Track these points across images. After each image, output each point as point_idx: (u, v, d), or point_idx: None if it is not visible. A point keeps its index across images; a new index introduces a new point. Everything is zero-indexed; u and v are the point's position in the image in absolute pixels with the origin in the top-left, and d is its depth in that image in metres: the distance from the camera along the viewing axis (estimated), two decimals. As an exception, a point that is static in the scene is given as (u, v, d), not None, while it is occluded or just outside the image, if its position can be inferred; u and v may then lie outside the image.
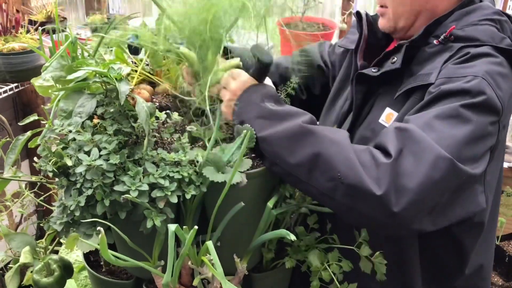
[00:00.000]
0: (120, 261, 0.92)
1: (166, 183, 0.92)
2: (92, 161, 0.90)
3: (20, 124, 1.17)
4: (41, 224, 1.02)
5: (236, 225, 1.06)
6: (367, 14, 1.26)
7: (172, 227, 0.86)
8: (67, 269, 1.09)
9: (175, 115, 1.03)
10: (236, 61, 1.16)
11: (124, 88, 0.92)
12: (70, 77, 0.95)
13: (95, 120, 0.97)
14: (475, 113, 0.95)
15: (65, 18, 2.36)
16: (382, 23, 1.20)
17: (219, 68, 1.19)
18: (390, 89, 1.12)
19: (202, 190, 0.97)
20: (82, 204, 0.92)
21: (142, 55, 1.35)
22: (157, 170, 0.93)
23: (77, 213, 0.93)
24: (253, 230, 1.08)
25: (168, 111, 1.03)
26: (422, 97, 1.03)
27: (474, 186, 0.99)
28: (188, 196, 0.94)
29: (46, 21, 2.30)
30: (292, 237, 0.93)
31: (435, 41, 1.08)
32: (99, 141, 0.94)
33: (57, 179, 0.97)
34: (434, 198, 0.91)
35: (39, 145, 1.01)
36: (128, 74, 1.01)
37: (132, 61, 1.35)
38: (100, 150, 0.93)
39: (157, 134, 1.02)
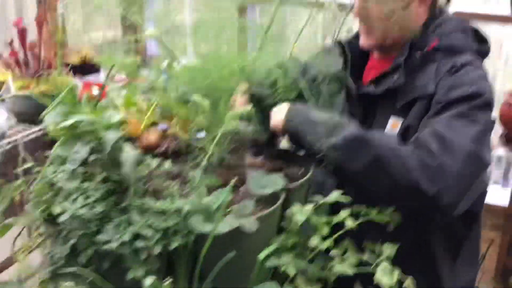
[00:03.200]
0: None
1: (149, 233, 0.90)
2: (76, 209, 0.89)
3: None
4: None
5: (237, 273, 1.02)
6: (347, 43, 1.38)
7: (148, 280, 0.84)
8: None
9: (167, 164, 1.01)
10: (248, 107, 1.16)
11: (110, 136, 0.91)
12: (61, 124, 0.96)
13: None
14: (481, 112, 1.15)
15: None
16: (366, 42, 1.32)
17: (230, 114, 1.19)
18: (388, 101, 1.26)
19: (190, 239, 0.94)
20: (66, 253, 0.91)
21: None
22: (141, 220, 0.91)
23: (62, 263, 0.92)
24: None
25: (159, 159, 1.02)
26: (425, 103, 1.20)
27: None
28: (172, 247, 0.92)
29: (81, 64, 2.39)
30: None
31: (418, 53, 1.24)
32: (87, 189, 0.93)
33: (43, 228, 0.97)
34: (469, 187, 1.11)
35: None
36: (122, 122, 1.00)
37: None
38: (87, 198, 0.92)
39: (148, 182, 1.01)
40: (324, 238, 1.11)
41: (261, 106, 1.10)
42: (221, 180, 1.07)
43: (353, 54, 1.35)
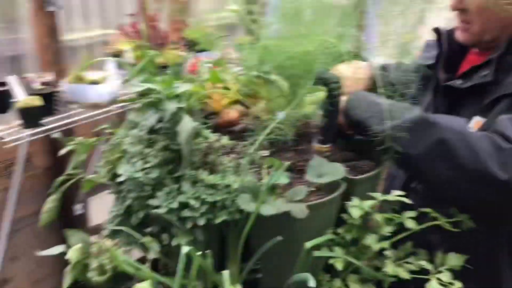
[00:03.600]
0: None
1: (196, 204, 0.92)
2: (133, 172, 0.94)
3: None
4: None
5: (286, 258, 1.02)
6: (447, 31, 1.32)
7: (185, 249, 0.86)
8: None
9: (225, 139, 1.02)
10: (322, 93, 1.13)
11: (170, 106, 0.94)
12: (131, 91, 1.01)
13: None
14: None
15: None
16: (465, 37, 1.25)
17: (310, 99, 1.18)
18: (476, 99, 1.18)
19: (235, 217, 0.95)
20: (121, 212, 0.97)
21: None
22: (191, 190, 0.94)
23: (118, 221, 0.98)
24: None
25: (219, 134, 1.03)
26: (510, 102, 1.11)
27: None
28: (217, 221, 0.93)
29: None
30: (312, 283, 0.86)
31: None
32: (147, 154, 0.98)
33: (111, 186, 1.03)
34: None
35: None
36: (191, 94, 1.03)
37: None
38: (146, 163, 0.97)
39: (207, 156, 1.02)
40: (387, 238, 1.05)
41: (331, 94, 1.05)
42: (283, 163, 1.05)
43: (451, 45, 1.28)
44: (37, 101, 1.55)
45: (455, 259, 1.02)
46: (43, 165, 2.12)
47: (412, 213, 1.04)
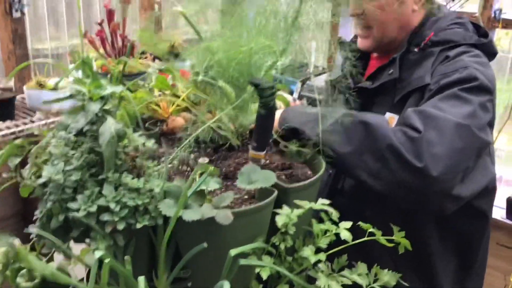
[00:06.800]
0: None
1: (116, 208, 0.89)
2: (53, 174, 0.91)
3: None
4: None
5: (213, 266, 0.99)
6: (349, 41, 1.44)
7: (97, 253, 0.83)
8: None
9: (151, 143, 1.00)
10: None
11: (92, 107, 0.92)
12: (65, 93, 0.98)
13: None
14: (473, 95, 1.12)
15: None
16: (366, 44, 1.37)
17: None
18: (385, 97, 1.29)
19: (159, 222, 0.92)
20: (42, 215, 0.94)
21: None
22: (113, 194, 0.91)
23: (39, 224, 0.95)
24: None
25: (144, 137, 1.01)
26: (420, 96, 1.20)
27: (486, 157, 1.16)
28: (138, 226, 0.90)
29: (169, 51, 2.47)
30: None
31: (415, 49, 1.27)
32: (71, 156, 0.95)
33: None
34: (464, 161, 1.06)
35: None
36: (121, 97, 1.01)
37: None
38: (69, 165, 0.94)
39: (135, 160, 1.00)
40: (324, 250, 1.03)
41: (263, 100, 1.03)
42: (215, 169, 1.03)
43: (354, 53, 1.33)
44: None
45: (389, 276, 0.99)
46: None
47: (347, 224, 1.02)
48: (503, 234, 2.48)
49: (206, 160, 1.17)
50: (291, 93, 1.57)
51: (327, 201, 0.99)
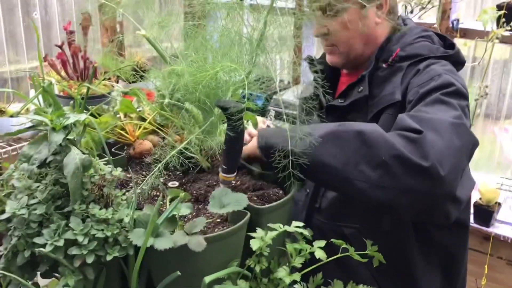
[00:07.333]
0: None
1: (85, 241, 0.87)
2: (16, 209, 0.88)
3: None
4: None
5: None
6: (319, 58, 1.43)
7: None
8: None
9: (118, 171, 0.97)
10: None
11: (55, 138, 0.89)
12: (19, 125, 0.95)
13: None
14: (455, 99, 1.11)
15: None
16: (333, 60, 1.36)
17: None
18: (358, 114, 1.27)
19: (130, 252, 0.90)
20: (7, 251, 0.90)
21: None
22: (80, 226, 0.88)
23: (4, 262, 0.91)
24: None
25: (111, 166, 0.98)
26: (394, 112, 1.19)
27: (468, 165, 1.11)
28: (108, 258, 0.88)
29: (133, 71, 2.44)
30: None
31: (384, 65, 1.27)
32: (35, 189, 0.92)
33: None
34: (463, 160, 1.04)
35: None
36: (85, 125, 0.98)
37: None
38: (33, 198, 0.91)
39: (102, 189, 0.97)
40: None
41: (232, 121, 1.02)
42: (186, 194, 1.01)
43: (325, 70, 1.36)
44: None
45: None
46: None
47: (321, 243, 1.02)
48: (472, 239, 2.53)
49: (176, 183, 1.16)
50: (260, 109, 1.56)
51: (301, 224, 0.98)
